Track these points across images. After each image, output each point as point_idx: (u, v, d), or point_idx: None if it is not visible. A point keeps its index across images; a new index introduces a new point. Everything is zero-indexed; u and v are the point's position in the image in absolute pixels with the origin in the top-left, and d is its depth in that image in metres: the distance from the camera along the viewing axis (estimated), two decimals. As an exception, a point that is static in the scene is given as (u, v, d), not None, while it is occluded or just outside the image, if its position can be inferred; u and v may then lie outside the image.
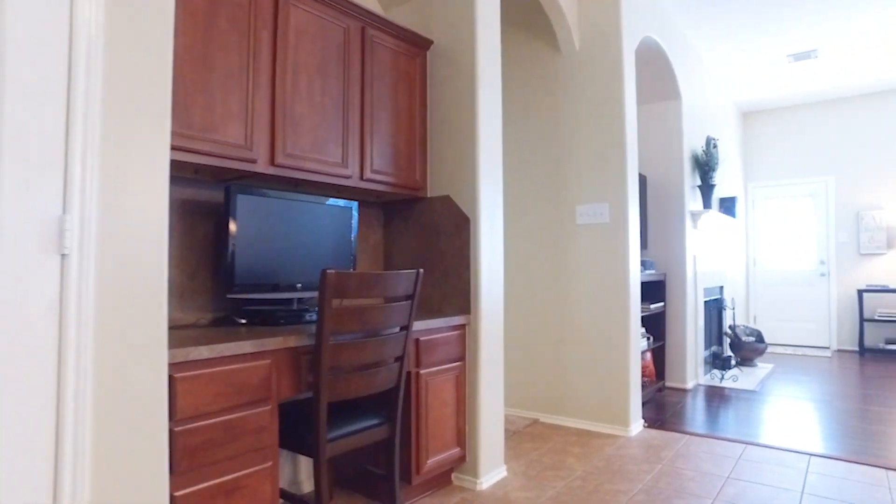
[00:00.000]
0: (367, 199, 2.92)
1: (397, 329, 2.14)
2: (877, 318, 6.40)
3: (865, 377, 5.22)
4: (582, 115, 3.68)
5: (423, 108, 2.82)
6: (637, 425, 3.52)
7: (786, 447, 3.23)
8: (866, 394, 4.57)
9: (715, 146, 5.01)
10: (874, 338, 6.65)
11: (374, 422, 2.11)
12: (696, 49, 5.32)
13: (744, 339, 5.65)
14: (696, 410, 4.07)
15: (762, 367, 5.63)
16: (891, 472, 2.88)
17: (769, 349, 6.89)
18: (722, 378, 5.00)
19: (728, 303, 5.97)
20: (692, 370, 4.83)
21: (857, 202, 6.80)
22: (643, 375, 4.42)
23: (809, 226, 7.10)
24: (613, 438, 3.39)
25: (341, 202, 2.53)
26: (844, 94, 6.77)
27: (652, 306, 4.32)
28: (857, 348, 6.72)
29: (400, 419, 2.17)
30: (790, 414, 3.96)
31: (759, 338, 5.77)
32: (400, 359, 2.14)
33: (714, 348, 5.62)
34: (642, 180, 4.69)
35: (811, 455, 3.10)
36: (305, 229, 2.36)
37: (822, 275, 6.97)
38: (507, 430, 3.52)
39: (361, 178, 2.49)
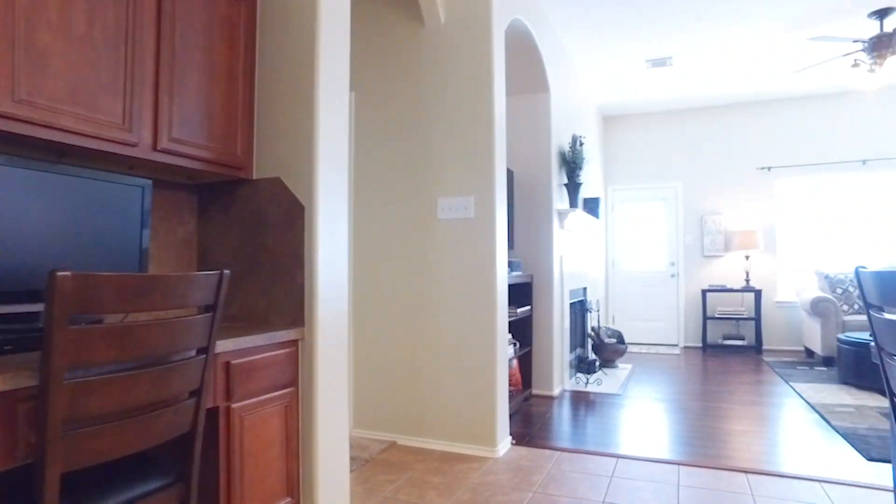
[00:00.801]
0: (173, 180, 2.26)
1: (193, 352, 1.54)
2: (717, 315, 6.79)
3: (709, 373, 5.42)
4: (447, 98, 3.28)
5: (250, 68, 2.23)
6: (505, 444, 3.18)
7: (655, 458, 3.06)
8: (712, 391, 4.68)
9: (581, 144, 4.91)
10: (714, 334, 7.07)
11: (157, 484, 1.49)
12: (564, 44, 5.20)
13: (606, 340, 5.65)
14: (564, 421, 3.85)
15: (622, 368, 5.66)
16: (750, 476, 2.80)
17: (628, 349, 7.06)
18: (587, 382, 4.89)
19: (592, 305, 5.95)
20: (559, 376, 4.66)
21: (702, 207, 7.20)
22: (510, 385, 4.13)
23: (662, 229, 7.41)
24: (480, 462, 3.02)
25: (128, 180, 1.86)
26: (693, 105, 7.14)
27: (519, 310, 4.04)
28: (700, 344, 7.10)
29: (198, 474, 1.58)
30: (653, 418, 3.87)
31: (620, 339, 5.81)
32: (197, 392, 1.55)
33: (578, 351, 5.55)
34: (509, 175, 4.42)
35: (679, 465, 2.95)
36: (64, 217, 1.67)
37: (672, 276, 7.29)
38: (358, 459, 3.00)
39: (155, 147, 1.84)
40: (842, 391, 4.59)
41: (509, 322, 3.99)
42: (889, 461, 3.02)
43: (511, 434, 3.48)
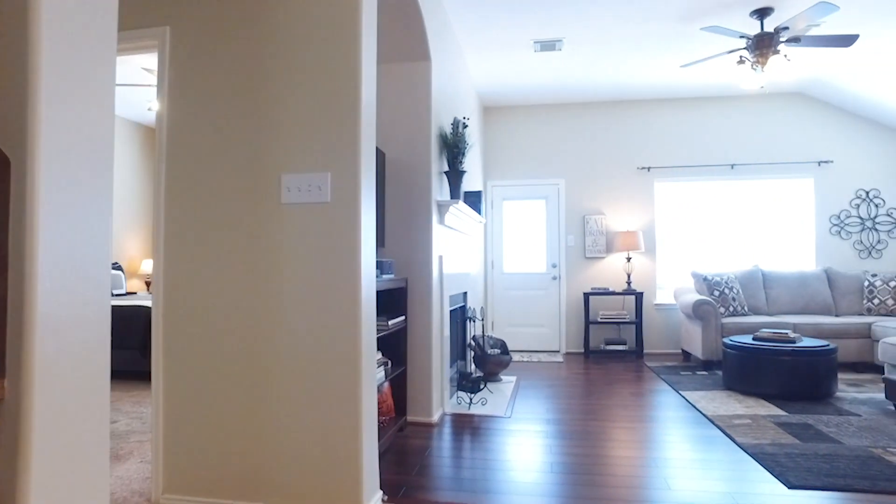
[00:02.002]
0: None
1: None
2: (599, 320, 6.52)
3: (596, 383, 5.03)
4: (300, 46, 2.41)
5: None
6: (375, 502, 2.38)
7: (560, 509, 2.43)
8: (604, 406, 4.23)
9: (465, 125, 4.25)
10: (597, 339, 6.80)
11: None
12: (447, 9, 4.52)
13: (489, 352, 5.05)
14: (446, 458, 3.13)
15: (507, 381, 5.10)
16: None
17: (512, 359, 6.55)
18: (470, 403, 4.23)
19: (476, 312, 5.33)
20: (438, 398, 3.94)
21: (584, 206, 6.92)
22: (380, 414, 3.34)
23: (543, 228, 7.02)
24: (334, 538, 2.18)
25: None
26: (576, 99, 6.83)
27: (391, 322, 3.26)
28: (583, 350, 6.80)
29: None
30: (546, 448, 3.28)
31: (504, 349, 5.25)
32: None
33: (459, 364, 4.89)
34: (381, 158, 3.63)
35: (591, 518, 2.34)
36: None
37: (554, 278, 6.93)
38: (154, 551, 2.04)
39: None
40: (730, 399, 4.35)
41: (379, 337, 3.19)
42: (812, 489, 2.64)
43: (382, 484, 2.69)
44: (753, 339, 4.65)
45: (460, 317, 4.92)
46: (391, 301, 3.62)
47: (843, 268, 6.43)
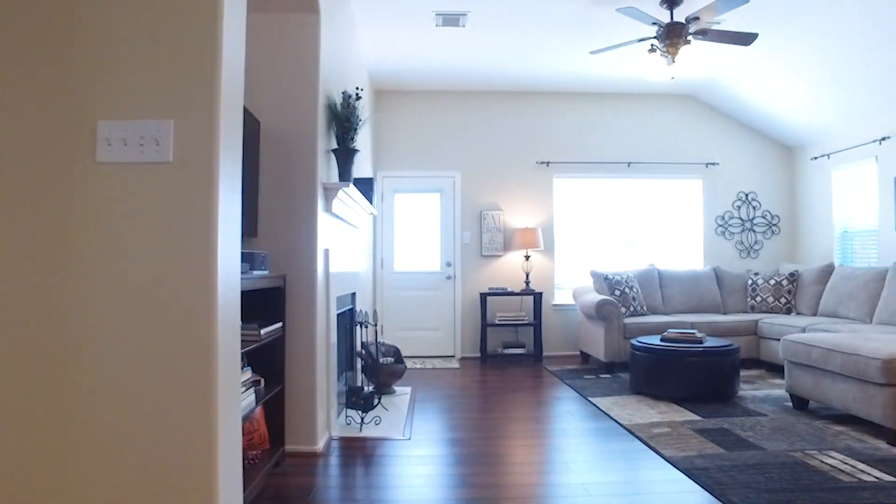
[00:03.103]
0: None
1: None
2: (497, 322, 6.14)
3: (499, 392, 4.61)
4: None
5: None
6: (230, 590, 1.68)
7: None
8: (512, 420, 3.80)
9: (359, 97, 3.61)
10: (494, 342, 6.42)
11: None
12: (333, -33, 3.85)
13: (382, 360, 4.43)
14: (335, 502, 2.47)
15: (401, 394, 4.51)
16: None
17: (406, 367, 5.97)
18: (362, 423, 3.58)
19: (368, 316, 4.69)
20: (324, 420, 3.27)
21: (481, 201, 6.52)
22: (250, 447, 2.61)
23: (438, 224, 6.53)
24: None
25: None
26: (476, 87, 6.41)
27: (265, 331, 2.55)
28: (479, 355, 6.39)
29: None
30: (452, 479, 2.74)
31: (398, 356, 4.66)
32: None
33: (347, 375, 4.23)
34: (255, 128, 2.90)
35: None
36: None
37: (449, 277, 6.46)
38: None
39: None
40: (641, 404, 4.10)
41: (247, 351, 2.47)
42: (758, 513, 2.34)
43: (245, 552, 1.99)
44: (661, 340, 4.45)
45: (349, 321, 4.26)
46: (265, 304, 2.90)
47: (727, 267, 6.59)
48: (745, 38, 4.31)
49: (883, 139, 5.40)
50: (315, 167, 3.18)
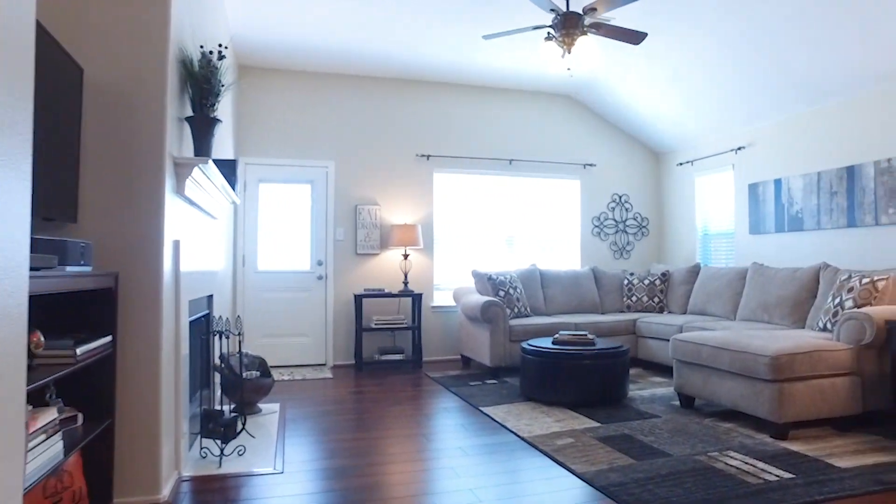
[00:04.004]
0: None
1: None
2: (373, 326, 5.65)
3: (380, 405, 4.13)
4: None
5: None
6: None
7: None
8: (399, 438, 3.35)
9: (222, 56, 2.94)
10: (370, 348, 5.92)
11: None
12: None
13: (245, 375, 3.75)
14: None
15: (269, 413, 3.85)
16: None
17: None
18: (222, 455, 2.90)
19: (230, 323, 3.96)
20: (170, 457, 2.57)
21: (356, 195, 5.98)
22: (57, 512, 1.89)
23: (308, 219, 5.88)
24: None
25: None
26: (354, 71, 5.86)
27: (83, 349, 1.85)
28: (353, 361, 5.85)
29: None
30: (351, 520, 2.24)
31: (265, 369, 3.99)
32: None
33: (202, 395, 3.50)
34: (72, 74, 2.16)
35: None
36: None
37: (320, 277, 5.84)
38: None
39: None
40: (536, 411, 3.85)
41: (58, 378, 1.75)
42: (690, 534, 2.12)
43: None
44: (553, 342, 4.27)
45: (205, 330, 3.53)
46: (86, 312, 2.17)
47: (603, 267, 6.71)
48: (636, 37, 4.27)
49: (739, 149, 5.75)
50: (163, 136, 2.48)
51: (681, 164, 6.59)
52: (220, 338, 3.20)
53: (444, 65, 5.73)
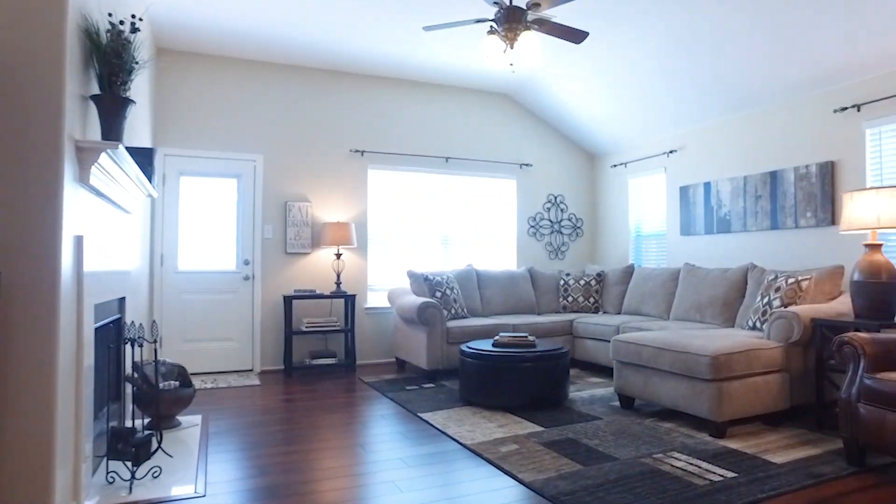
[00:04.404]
0: None
1: None
2: (304, 329, 5.36)
3: (313, 413, 3.89)
4: None
5: None
6: None
7: None
8: (335, 449, 3.14)
9: (136, 29, 2.61)
10: (300, 352, 5.62)
11: None
12: None
13: (163, 385, 3.39)
14: None
15: (189, 427, 3.51)
16: None
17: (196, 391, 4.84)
18: (133, 480, 2.57)
19: (144, 329, 3.61)
20: (68, 486, 2.23)
21: (286, 191, 5.66)
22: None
23: (234, 215, 5.50)
24: None
25: None
26: (284, 59, 5.52)
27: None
28: (283, 367, 5.53)
29: None
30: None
31: (185, 378, 3.64)
32: None
33: (110, 410, 3.12)
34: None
35: None
36: None
37: (247, 278, 5.48)
38: None
39: None
40: (477, 416, 3.73)
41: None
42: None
43: None
44: (494, 345, 4.16)
45: (114, 337, 3.16)
46: (-37, 318, 1.82)
47: (539, 267, 6.70)
48: (577, 36, 4.23)
49: (671, 152, 5.89)
50: (60, 116, 2.15)
51: (615, 165, 6.70)
52: (133, 345, 2.85)
53: (381, 57, 5.52)
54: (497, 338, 4.19)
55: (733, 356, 3.26)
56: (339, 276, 5.58)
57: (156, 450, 2.69)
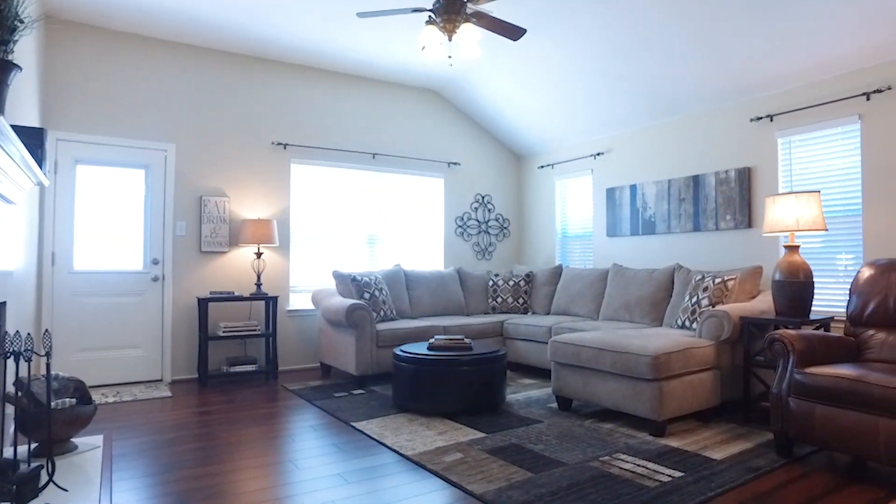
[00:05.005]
0: None
1: None
2: (221, 334, 4.94)
3: (234, 426, 3.56)
4: None
5: None
6: None
7: None
8: (257, 468, 2.86)
9: (23, -19, 2.21)
10: (217, 359, 5.19)
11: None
12: None
13: (55, 403, 2.94)
14: None
15: (88, 450, 3.08)
16: None
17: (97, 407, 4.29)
18: (20, 518, 2.17)
19: (31, 340, 3.14)
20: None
21: (201, 185, 5.21)
22: None
23: (141, 210, 4.99)
24: None
25: None
26: (202, 41, 5.07)
27: None
28: (197, 375, 5.08)
29: None
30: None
31: (84, 394, 3.19)
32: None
33: (-11, 435, 2.66)
34: None
35: None
36: None
37: (156, 279, 4.98)
38: None
39: None
40: (415, 424, 3.55)
41: None
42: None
43: None
44: (429, 348, 4.00)
45: (-4, 348, 2.69)
46: None
47: (467, 268, 6.62)
48: (515, 32, 4.16)
49: (598, 154, 6.00)
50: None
51: (542, 167, 6.74)
52: (18, 360, 2.43)
53: (308, 45, 5.21)
54: (432, 341, 4.03)
55: (672, 355, 3.29)
56: (259, 276, 5.20)
57: (46, 484, 2.30)
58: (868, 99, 3.93)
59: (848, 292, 3.81)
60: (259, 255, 5.21)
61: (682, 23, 4.13)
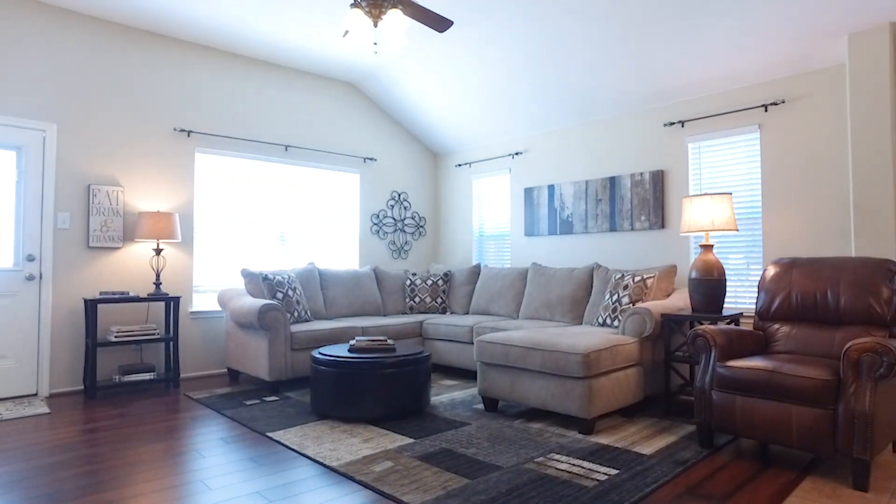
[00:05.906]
0: None
1: None
2: (113, 339, 4.42)
3: (126, 446, 3.15)
4: None
5: None
6: None
7: None
8: (154, 493, 2.54)
9: None
10: (107, 368, 4.64)
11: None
12: None
13: None
14: None
15: (-56, 478, 2.58)
16: None
17: (-69, 419, 3.65)
18: None
19: None
20: None
21: (89, 172, 4.64)
22: None
23: (12, 197, 4.35)
24: None
25: None
26: (93, 10, 4.49)
27: None
28: (83, 387, 4.51)
29: None
30: None
31: (-61, 413, 2.68)
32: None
33: None
34: None
35: None
36: None
37: (31, 278, 4.37)
38: None
39: None
40: (337, 431, 3.32)
41: None
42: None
43: None
44: (350, 350, 3.77)
45: None
46: None
47: (383, 267, 6.42)
48: (442, 23, 4.05)
49: (516, 154, 6.03)
50: None
51: (459, 165, 6.69)
52: None
53: (216, 24, 4.79)
54: (353, 342, 3.81)
55: (602, 353, 3.31)
56: (158, 275, 4.71)
57: None
58: (766, 110, 4.20)
59: (757, 289, 4.04)
60: (158, 251, 4.72)
61: (604, 27, 4.20)
